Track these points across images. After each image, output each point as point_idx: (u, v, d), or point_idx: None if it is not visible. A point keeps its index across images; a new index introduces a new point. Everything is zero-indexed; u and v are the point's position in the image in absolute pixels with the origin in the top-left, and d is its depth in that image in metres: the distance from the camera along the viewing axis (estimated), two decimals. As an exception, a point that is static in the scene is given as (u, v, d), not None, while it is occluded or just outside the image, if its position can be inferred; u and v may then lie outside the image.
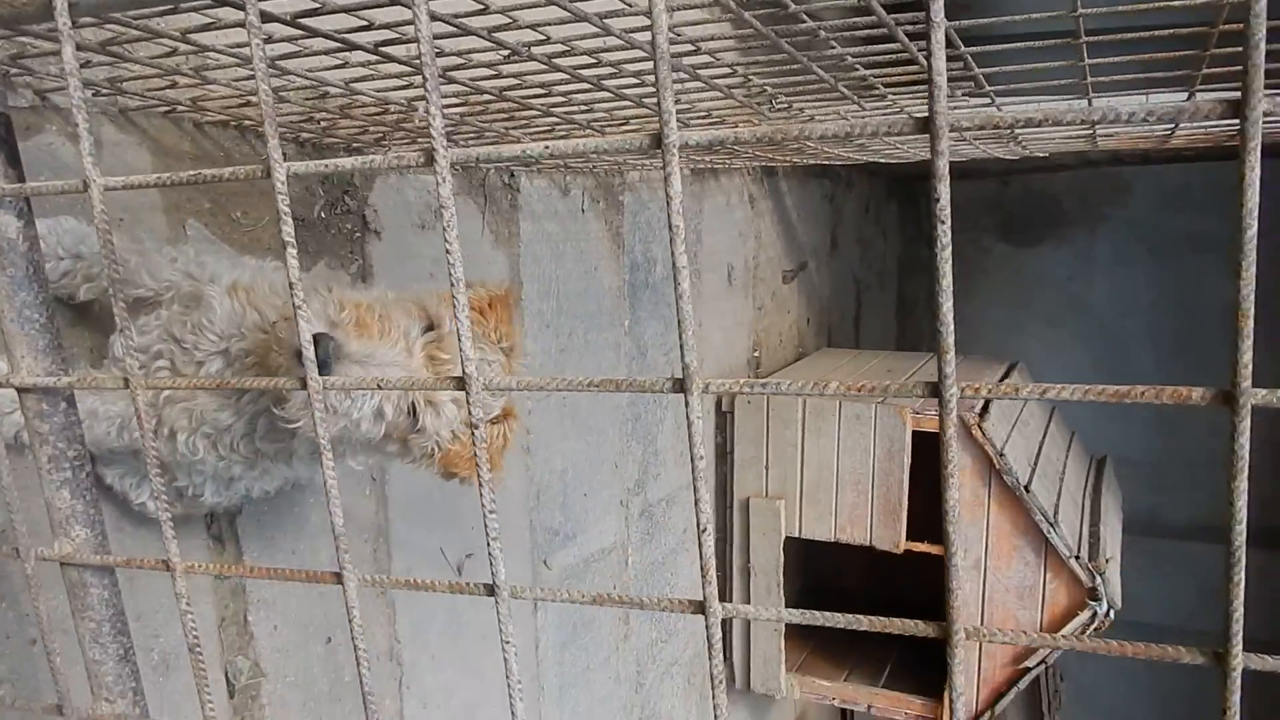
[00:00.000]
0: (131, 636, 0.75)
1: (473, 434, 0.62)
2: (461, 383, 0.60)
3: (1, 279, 0.72)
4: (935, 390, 0.47)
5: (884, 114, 1.92)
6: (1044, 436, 4.22)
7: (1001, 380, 3.96)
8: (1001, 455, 3.58)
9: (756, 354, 4.38)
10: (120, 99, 1.53)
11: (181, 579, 0.64)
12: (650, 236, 3.41)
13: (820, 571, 5.03)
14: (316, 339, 1.08)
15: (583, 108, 1.71)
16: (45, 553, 0.67)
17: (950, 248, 0.45)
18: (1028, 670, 3.85)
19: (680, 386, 0.54)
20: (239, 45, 1.22)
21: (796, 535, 4.03)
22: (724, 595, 4.23)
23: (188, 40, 1.17)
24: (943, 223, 0.45)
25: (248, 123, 1.75)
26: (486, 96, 1.53)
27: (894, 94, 1.75)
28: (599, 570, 3.29)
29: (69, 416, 0.72)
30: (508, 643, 0.59)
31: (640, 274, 3.36)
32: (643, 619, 3.65)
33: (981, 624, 3.17)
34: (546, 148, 0.52)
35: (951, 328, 0.46)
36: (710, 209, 3.84)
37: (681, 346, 0.52)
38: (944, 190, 0.44)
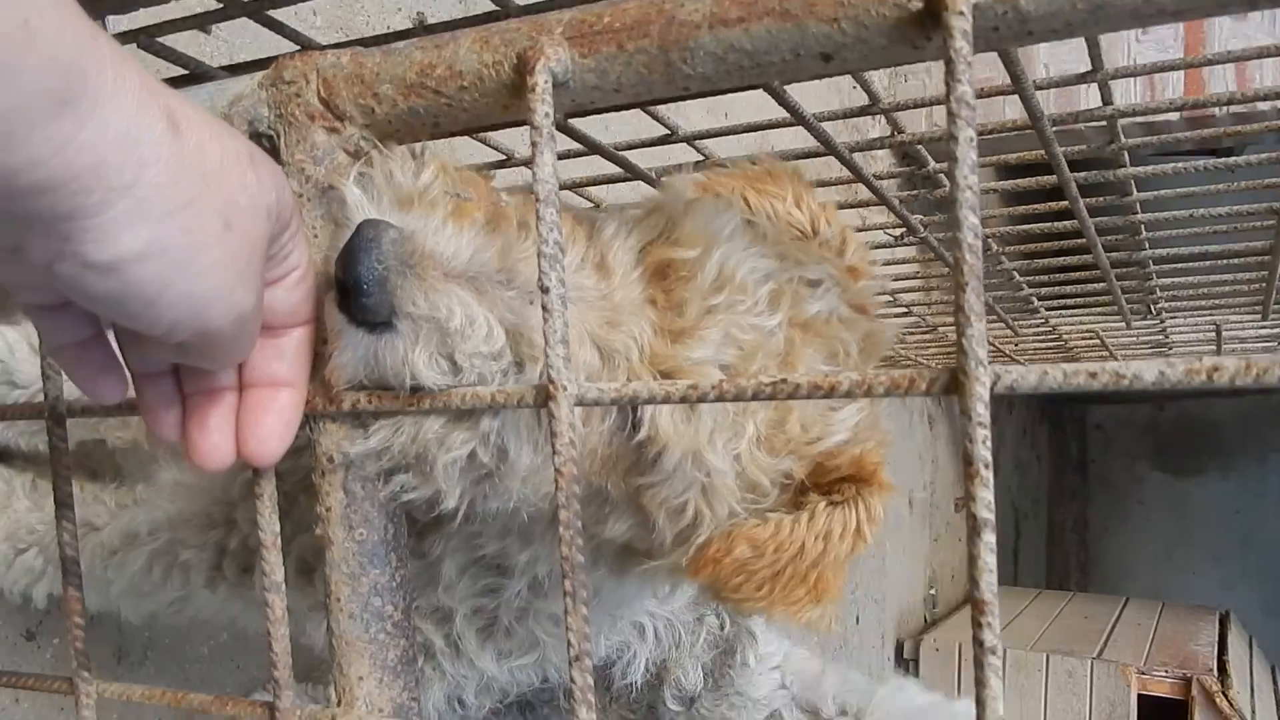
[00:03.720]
0: None
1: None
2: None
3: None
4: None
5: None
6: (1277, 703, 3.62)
7: (1221, 640, 3.39)
8: (1256, 731, 3.03)
9: (933, 592, 3.92)
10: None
11: None
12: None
13: None
14: (358, 229, 0.47)
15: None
16: None
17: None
18: None
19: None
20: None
21: (995, 813, 3.44)
22: None
23: None
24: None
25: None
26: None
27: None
28: None
29: None
30: None
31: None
32: None
33: None
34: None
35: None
36: (895, 430, 3.52)
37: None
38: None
